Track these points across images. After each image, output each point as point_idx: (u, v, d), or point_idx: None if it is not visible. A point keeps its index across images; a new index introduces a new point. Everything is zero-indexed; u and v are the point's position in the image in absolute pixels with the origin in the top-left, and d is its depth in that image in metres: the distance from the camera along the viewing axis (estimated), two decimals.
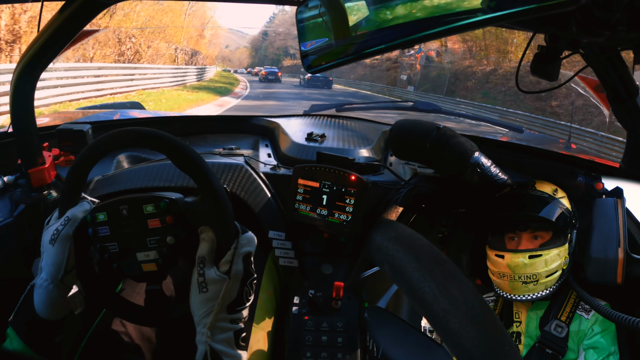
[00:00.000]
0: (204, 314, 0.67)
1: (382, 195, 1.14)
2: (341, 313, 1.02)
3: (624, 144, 1.22)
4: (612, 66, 1.04)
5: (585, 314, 1.02)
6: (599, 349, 0.96)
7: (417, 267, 0.77)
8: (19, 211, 1.04)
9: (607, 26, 0.53)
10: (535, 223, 1.04)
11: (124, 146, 0.72)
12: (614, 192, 1.06)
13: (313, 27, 0.59)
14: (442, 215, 1.25)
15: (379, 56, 19.89)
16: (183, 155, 0.68)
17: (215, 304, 0.67)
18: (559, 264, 1.00)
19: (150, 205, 0.74)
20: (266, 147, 1.40)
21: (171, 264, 0.76)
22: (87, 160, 0.72)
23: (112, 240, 0.75)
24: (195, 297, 0.68)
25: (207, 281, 0.67)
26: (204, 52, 25.94)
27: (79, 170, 0.73)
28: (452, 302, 0.68)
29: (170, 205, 0.73)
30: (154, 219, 0.74)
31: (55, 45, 0.92)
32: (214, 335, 0.66)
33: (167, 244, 0.74)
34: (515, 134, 2.05)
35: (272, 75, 22.56)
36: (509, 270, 1.01)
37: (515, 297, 1.02)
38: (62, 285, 0.71)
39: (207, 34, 28.54)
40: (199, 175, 0.69)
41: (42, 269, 0.71)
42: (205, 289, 0.67)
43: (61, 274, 0.70)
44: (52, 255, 0.70)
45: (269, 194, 1.14)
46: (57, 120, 1.72)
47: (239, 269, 0.69)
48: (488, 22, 0.44)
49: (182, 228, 0.74)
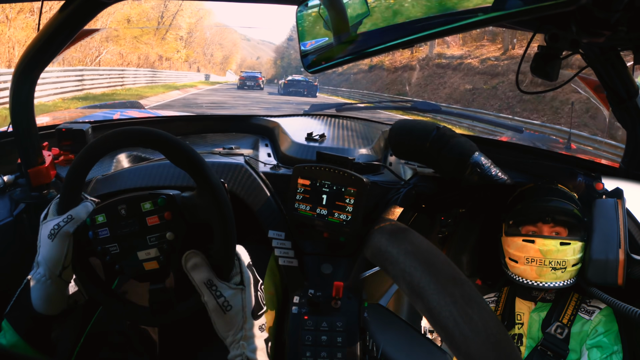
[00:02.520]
0: (236, 331, 0.68)
1: (382, 195, 1.14)
2: (341, 313, 1.02)
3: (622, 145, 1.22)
4: (612, 66, 1.04)
5: (588, 315, 1.02)
6: (603, 347, 0.96)
7: (437, 290, 0.77)
8: (19, 210, 1.04)
9: (607, 26, 0.53)
10: (561, 215, 1.04)
11: (122, 146, 0.73)
12: (614, 192, 1.06)
13: (313, 26, 0.59)
14: (442, 215, 1.25)
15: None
16: (178, 151, 0.68)
17: (242, 316, 0.68)
18: (581, 256, 1.01)
19: (147, 202, 0.74)
20: (266, 146, 1.40)
21: (173, 260, 0.75)
22: (87, 159, 0.72)
23: (112, 241, 0.74)
24: (221, 319, 0.68)
25: (227, 299, 0.68)
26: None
27: (79, 169, 0.73)
28: (473, 329, 0.69)
29: (168, 201, 0.74)
30: (152, 216, 0.74)
31: (55, 45, 0.92)
32: (248, 346, 0.68)
33: (167, 240, 0.73)
34: (515, 134, 2.05)
35: (251, 81, 18.06)
36: (540, 254, 1.00)
37: (541, 283, 1.01)
38: (61, 280, 0.71)
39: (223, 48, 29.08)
40: (196, 170, 0.69)
41: (39, 264, 0.70)
42: (229, 307, 0.67)
43: (59, 270, 0.70)
44: (50, 250, 0.70)
45: (269, 194, 1.14)
46: (57, 120, 1.72)
47: (248, 276, 0.71)
48: (488, 21, 0.44)
49: (181, 223, 0.74)
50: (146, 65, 18.09)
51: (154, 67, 18.56)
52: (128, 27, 17.26)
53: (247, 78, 18.18)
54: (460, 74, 15.31)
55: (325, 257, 1.12)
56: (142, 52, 17.56)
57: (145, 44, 18.48)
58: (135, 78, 15.75)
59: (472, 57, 15.58)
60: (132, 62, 16.48)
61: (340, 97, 17.10)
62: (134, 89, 14.64)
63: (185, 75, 22.31)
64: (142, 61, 17.72)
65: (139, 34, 18.48)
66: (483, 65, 14.60)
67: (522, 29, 1.05)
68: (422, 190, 1.13)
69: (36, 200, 1.05)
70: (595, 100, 1.34)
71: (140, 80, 16.01)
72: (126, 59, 16.25)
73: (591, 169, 1.17)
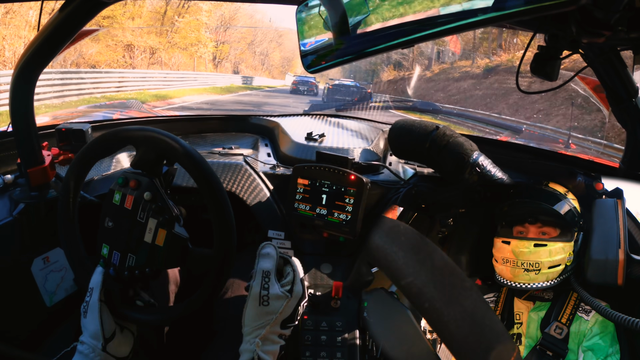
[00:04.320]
0: (259, 326, 0.70)
1: (382, 194, 1.14)
2: (340, 312, 1.02)
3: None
4: (612, 66, 1.04)
5: (585, 315, 1.01)
6: (596, 350, 0.96)
7: (426, 276, 0.76)
8: (19, 210, 1.04)
9: (607, 26, 0.53)
10: (545, 216, 1.04)
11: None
12: (614, 192, 1.06)
13: (313, 26, 0.59)
14: (442, 215, 1.25)
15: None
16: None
17: (273, 318, 0.70)
18: (562, 257, 1.00)
19: (115, 194, 0.79)
20: (266, 146, 1.40)
21: (167, 210, 0.77)
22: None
23: (125, 254, 0.79)
24: (253, 309, 0.70)
25: (270, 296, 0.70)
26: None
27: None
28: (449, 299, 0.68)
29: (125, 176, 0.78)
30: (126, 200, 0.78)
31: (55, 45, 0.92)
32: (263, 346, 0.69)
33: (149, 203, 0.76)
34: (514, 134, 2.06)
35: (304, 86, 17.31)
36: (512, 255, 1.02)
37: (515, 284, 1.02)
38: (106, 355, 0.73)
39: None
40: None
41: (84, 334, 0.74)
42: (267, 303, 0.70)
43: (101, 343, 0.72)
44: (87, 326, 0.73)
45: (269, 194, 1.14)
46: (57, 120, 1.72)
47: (299, 290, 0.74)
48: (488, 21, 0.44)
49: (146, 180, 0.78)
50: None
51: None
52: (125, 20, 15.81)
53: (300, 83, 17.57)
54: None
55: (325, 257, 1.12)
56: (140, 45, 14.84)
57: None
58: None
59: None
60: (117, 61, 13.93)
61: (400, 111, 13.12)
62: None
63: (205, 76, 17.89)
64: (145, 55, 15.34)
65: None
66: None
67: (522, 29, 1.05)
68: (422, 190, 1.13)
69: (36, 200, 1.05)
70: (595, 100, 1.34)
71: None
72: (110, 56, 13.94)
73: (591, 169, 1.17)
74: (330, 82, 14.28)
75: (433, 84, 15.43)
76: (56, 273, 1.09)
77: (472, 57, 14.56)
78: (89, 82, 9.87)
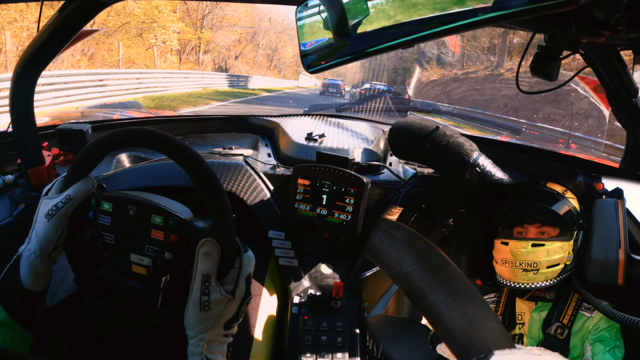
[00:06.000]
0: (202, 330, 0.67)
1: (382, 195, 1.14)
2: (341, 313, 1.02)
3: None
4: (612, 66, 1.04)
5: (588, 312, 1.02)
6: (605, 341, 0.96)
7: (422, 272, 0.76)
8: (19, 210, 1.04)
9: (607, 26, 0.53)
10: (543, 216, 1.04)
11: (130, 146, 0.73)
12: (614, 192, 1.06)
13: (313, 26, 0.59)
14: (442, 215, 1.25)
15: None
16: (204, 177, 0.67)
17: (215, 322, 0.67)
18: (561, 257, 1.00)
19: (158, 217, 0.73)
20: (266, 146, 1.40)
21: (161, 275, 0.75)
22: (107, 144, 0.72)
23: (110, 232, 0.75)
24: (194, 314, 0.67)
25: (211, 301, 0.66)
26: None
27: (94, 151, 0.73)
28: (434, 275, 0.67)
29: (179, 225, 0.72)
30: (159, 232, 0.73)
31: (55, 45, 0.92)
32: (210, 347, 0.67)
33: (164, 259, 0.73)
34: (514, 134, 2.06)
35: (333, 88, 17.27)
36: (510, 256, 1.02)
37: (515, 284, 1.02)
38: (49, 258, 0.72)
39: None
40: (213, 201, 0.67)
41: (31, 240, 0.72)
42: (208, 308, 0.66)
43: (50, 250, 0.71)
44: (45, 230, 0.71)
45: (269, 194, 1.14)
46: (57, 120, 1.72)
47: (242, 290, 0.69)
48: (488, 21, 0.44)
49: (183, 249, 0.73)
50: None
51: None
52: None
53: (330, 85, 17.62)
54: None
55: (325, 257, 1.12)
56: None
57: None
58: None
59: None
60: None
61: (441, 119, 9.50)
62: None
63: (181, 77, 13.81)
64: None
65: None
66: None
67: (522, 28, 1.05)
68: (422, 190, 1.13)
69: (36, 201, 1.05)
70: (595, 100, 1.35)
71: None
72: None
73: (591, 169, 1.17)
74: (360, 87, 12.74)
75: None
76: (57, 273, 1.08)
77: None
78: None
